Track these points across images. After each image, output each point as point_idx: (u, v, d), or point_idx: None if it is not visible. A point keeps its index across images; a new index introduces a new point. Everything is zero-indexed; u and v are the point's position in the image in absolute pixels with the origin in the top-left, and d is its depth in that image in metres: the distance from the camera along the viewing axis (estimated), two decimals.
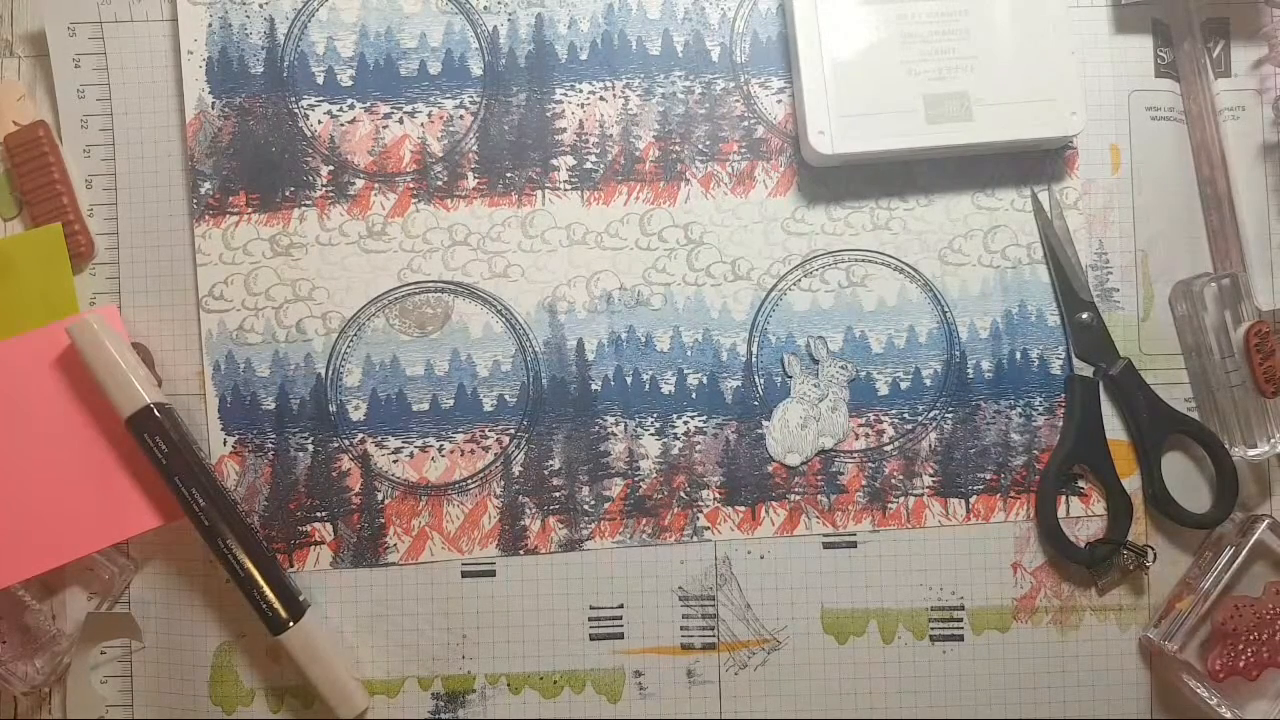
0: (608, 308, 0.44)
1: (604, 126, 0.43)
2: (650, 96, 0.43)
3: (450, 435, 0.43)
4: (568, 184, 0.44)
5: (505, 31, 0.43)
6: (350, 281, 0.43)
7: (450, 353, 0.44)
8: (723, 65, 0.43)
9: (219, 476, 0.42)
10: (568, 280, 0.44)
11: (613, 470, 0.44)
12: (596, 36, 0.43)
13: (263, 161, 0.43)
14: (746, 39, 0.43)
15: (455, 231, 0.44)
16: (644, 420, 0.44)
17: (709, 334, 0.43)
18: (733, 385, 0.44)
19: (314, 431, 0.43)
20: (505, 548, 0.43)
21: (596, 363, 0.44)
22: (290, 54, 0.43)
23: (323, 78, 0.43)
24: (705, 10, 0.43)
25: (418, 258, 0.44)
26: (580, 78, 0.43)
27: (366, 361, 0.43)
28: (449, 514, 0.43)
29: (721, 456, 0.44)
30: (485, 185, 0.44)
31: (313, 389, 0.43)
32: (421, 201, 0.44)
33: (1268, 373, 0.43)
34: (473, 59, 0.43)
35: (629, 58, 0.43)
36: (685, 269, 0.44)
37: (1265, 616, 0.43)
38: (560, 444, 0.44)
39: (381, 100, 0.43)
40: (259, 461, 0.43)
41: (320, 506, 0.43)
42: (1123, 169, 0.45)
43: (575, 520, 0.44)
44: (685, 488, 0.44)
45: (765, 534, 0.44)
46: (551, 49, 0.43)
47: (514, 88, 0.43)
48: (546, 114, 0.43)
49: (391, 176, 0.43)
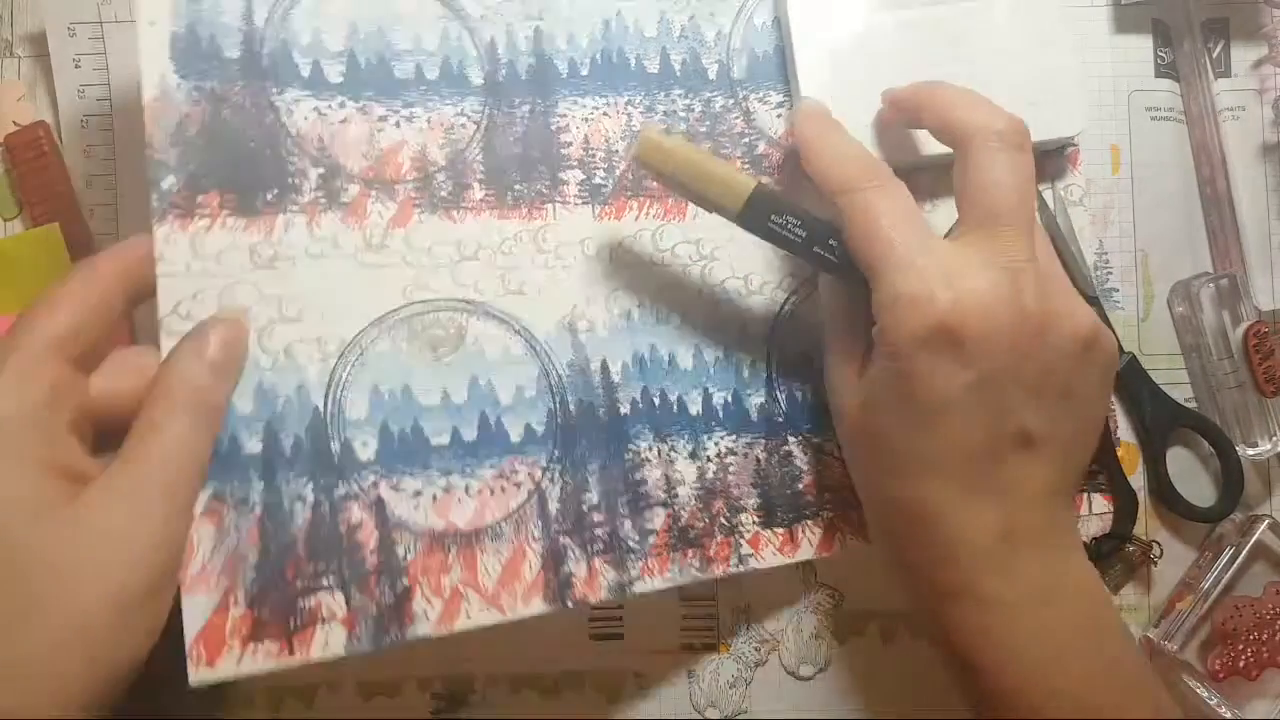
0: (628, 326, 0.41)
1: (609, 142, 0.42)
2: (652, 113, 0.42)
3: (476, 471, 0.37)
4: (578, 198, 0.41)
5: (504, 43, 0.41)
6: (348, 299, 0.37)
7: (468, 378, 0.38)
8: (720, 83, 0.43)
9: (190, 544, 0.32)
10: (585, 298, 0.40)
11: (653, 500, 0.40)
12: (596, 53, 0.42)
13: (239, 157, 0.36)
14: (743, 55, 0.44)
15: (464, 245, 0.39)
16: (676, 443, 0.40)
17: (729, 350, 0.42)
18: (757, 402, 0.42)
19: (314, 476, 0.35)
20: (551, 599, 0.37)
21: (623, 385, 0.40)
22: (271, 40, 0.37)
23: (308, 70, 0.38)
24: (701, 28, 0.43)
25: (424, 273, 0.38)
26: (583, 93, 0.42)
27: (373, 390, 0.36)
28: (485, 566, 0.36)
29: (754, 477, 0.41)
30: (493, 197, 0.40)
31: (310, 425, 0.35)
32: (425, 212, 0.39)
33: (1267, 372, 0.43)
34: (471, 68, 0.40)
35: (628, 75, 0.42)
36: (700, 284, 0.42)
37: (1265, 616, 0.43)
38: (596, 475, 0.39)
39: (375, 101, 0.38)
40: (243, 519, 0.34)
41: (327, 571, 0.34)
42: (1123, 169, 0.46)
43: (622, 560, 0.38)
44: (725, 513, 0.41)
45: (805, 555, 0.41)
46: (551, 64, 0.41)
47: (516, 99, 0.41)
48: (551, 127, 0.41)
49: (390, 184, 0.38)
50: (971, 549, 0.32)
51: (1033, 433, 0.32)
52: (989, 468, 0.32)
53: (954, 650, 0.33)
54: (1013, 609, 0.32)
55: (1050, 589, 0.32)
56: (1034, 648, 0.32)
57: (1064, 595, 0.33)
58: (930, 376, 0.31)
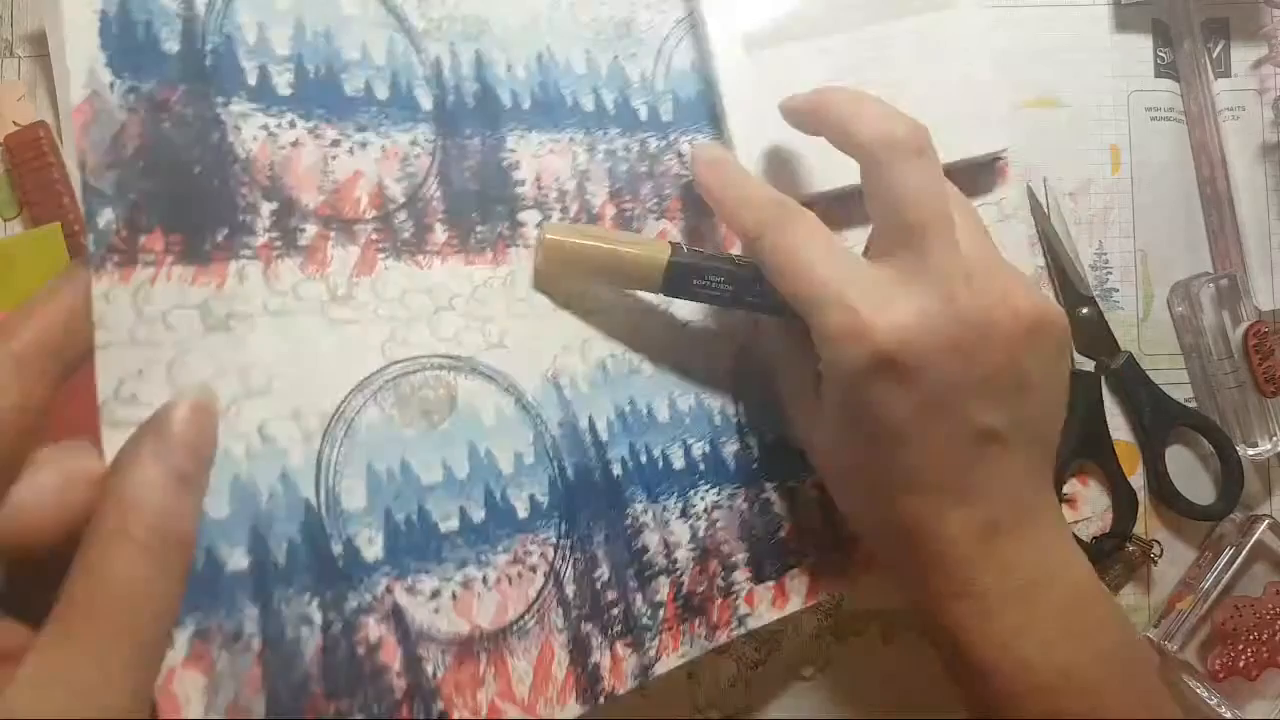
0: (606, 379, 0.37)
1: (560, 181, 0.38)
2: (594, 152, 0.39)
3: (491, 558, 0.31)
4: (539, 241, 0.37)
5: (449, 64, 0.36)
6: (322, 363, 0.30)
7: (467, 447, 0.32)
8: (652, 123, 0.41)
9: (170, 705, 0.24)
10: (562, 348, 0.36)
11: (656, 567, 0.36)
12: (535, 85, 0.38)
13: (184, 185, 0.28)
14: (668, 98, 0.42)
15: (436, 294, 0.33)
16: (667, 503, 0.37)
17: (700, 397, 0.40)
18: (733, 449, 0.40)
19: (318, 589, 0.27)
20: (584, 698, 0.32)
21: (610, 443, 0.36)
22: (214, 33, 0.29)
23: (255, 77, 0.30)
24: (625, 68, 0.41)
25: (400, 327, 0.32)
26: (528, 126, 0.38)
27: (369, 471, 0.29)
28: (516, 670, 0.31)
29: (741, 530, 0.39)
30: (457, 240, 0.34)
31: (304, 523, 0.27)
32: (390, 256, 0.32)
33: (1267, 373, 0.43)
34: (420, 89, 0.35)
35: (566, 113, 0.39)
36: (664, 329, 0.39)
37: (1265, 616, 0.43)
38: (603, 547, 0.35)
39: (327, 122, 0.32)
40: (239, 659, 0.25)
41: (352, 708, 0.27)
42: (1122, 169, 0.45)
43: (640, 640, 0.34)
44: (720, 574, 0.38)
45: (795, 606, 0.40)
46: (495, 94, 0.37)
47: (466, 130, 0.36)
48: (503, 163, 0.37)
49: (350, 223, 0.32)
50: (959, 552, 0.32)
51: (996, 429, 0.31)
52: (961, 473, 0.32)
53: (955, 649, 0.33)
54: (1008, 598, 0.32)
55: (1042, 571, 0.33)
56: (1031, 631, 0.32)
57: (1055, 576, 0.33)
58: (881, 405, 0.31)
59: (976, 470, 0.32)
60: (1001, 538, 0.32)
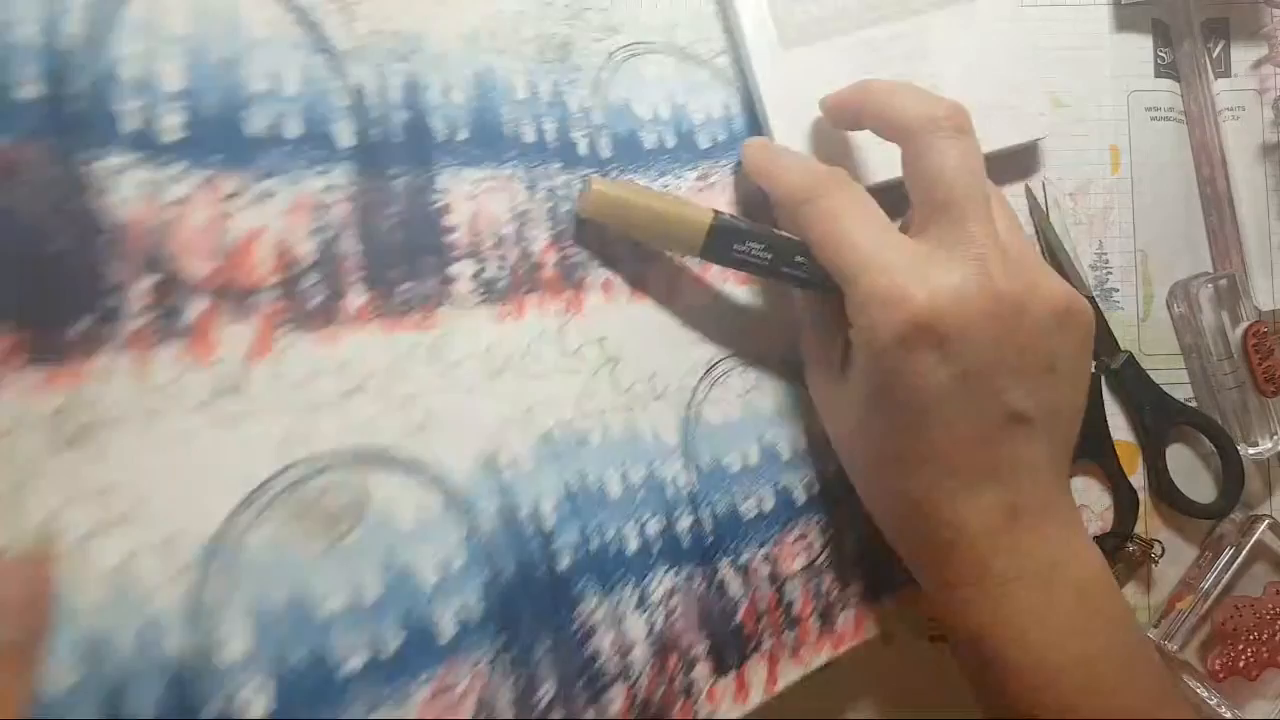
0: (552, 452, 0.32)
1: (498, 224, 0.33)
2: (534, 190, 0.34)
3: (409, 694, 0.27)
4: (474, 296, 0.32)
5: (374, 88, 0.30)
6: (200, 475, 0.25)
7: (380, 561, 0.27)
8: (592, 160, 0.36)
9: None
10: (500, 421, 0.31)
11: (608, 675, 0.32)
12: (472, 111, 0.33)
13: (37, 267, 0.22)
14: (605, 133, 0.36)
15: (348, 372, 0.28)
16: (622, 594, 0.33)
17: (651, 467, 0.35)
18: (686, 524, 0.35)
19: None
20: None
21: (558, 530, 0.32)
22: (86, 68, 0.24)
23: (138, 120, 0.25)
24: (564, 96, 0.36)
25: (302, 419, 0.27)
26: (465, 161, 0.33)
27: (258, 608, 0.25)
28: None
29: (699, 617, 0.35)
30: (378, 302, 0.29)
31: (171, 682, 0.23)
32: (293, 330, 0.27)
33: (1267, 372, 0.43)
34: (339, 122, 0.29)
35: (506, 144, 0.34)
36: (611, 393, 0.35)
37: (1265, 616, 0.43)
38: (547, 659, 0.30)
39: (223, 171, 0.26)
40: None
41: None
42: (1122, 169, 0.45)
43: None
44: (681, 671, 0.34)
45: (756, 699, 0.36)
46: (427, 124, 0.32)
47: (391, 168, 0.31)
48: (433, 205, 0.31)
49: (245, 294, 0.26)
50: (977, 534, 0.32)
51: (1023, 411, 0.31)
52: (985, 453, 0.31)
53: (969, 639, 0.32)
54: (1021, 585, 0.32)
55: (1059, 559, 0.32)
56: (1044, 621, 0.32)
57: (1071, 566, 0.33)
58: (914, 374, 0.30)
59: (1003, 451, 0.32)
60: (1021, 523, 0.32)
